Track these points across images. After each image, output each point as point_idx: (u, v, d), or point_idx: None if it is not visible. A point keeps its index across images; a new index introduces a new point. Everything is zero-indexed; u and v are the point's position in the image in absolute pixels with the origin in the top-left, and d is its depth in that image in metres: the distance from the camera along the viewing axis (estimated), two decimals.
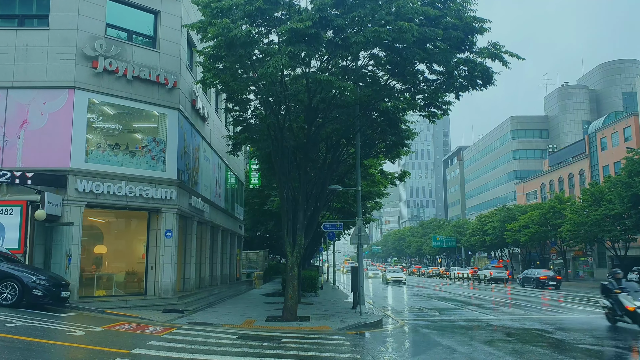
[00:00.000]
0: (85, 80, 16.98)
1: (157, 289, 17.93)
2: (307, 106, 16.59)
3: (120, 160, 17.64)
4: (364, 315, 17.48)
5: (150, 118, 18.95)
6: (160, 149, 18.54)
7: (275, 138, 17.45)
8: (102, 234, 19.68)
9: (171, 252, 18.25)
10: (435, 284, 50.45)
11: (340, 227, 22.35)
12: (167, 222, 18.29)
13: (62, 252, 15.87)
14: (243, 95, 17.81)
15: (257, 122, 19.05)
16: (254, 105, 18.87)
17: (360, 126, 18.22)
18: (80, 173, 16.48)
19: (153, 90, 18.45)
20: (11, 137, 16.42)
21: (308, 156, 17.51)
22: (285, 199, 17.47)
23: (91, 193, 16.62)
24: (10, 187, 15.97)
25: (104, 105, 17.70)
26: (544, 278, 41.74)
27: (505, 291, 36.84)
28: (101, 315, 14.04)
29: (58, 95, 16.71)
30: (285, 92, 15.83)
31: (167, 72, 18.69)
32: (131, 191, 17.37)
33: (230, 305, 20.73)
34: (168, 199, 18.29)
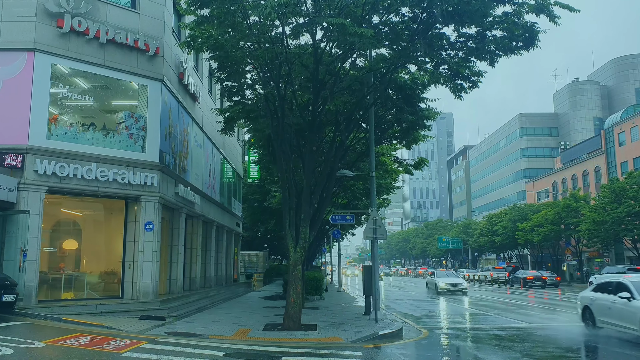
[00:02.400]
0: (48, 42, 14.20)
1: (135, 291, 15.12)
2: (313, 71, 13.78)
3: (90, 139, 14.84)
4: (380, 323, 14.65)
5: (127, 90, 16.16)
6: (139, 127, 15.73)
7: (275, 113, 14.66)
8: (78, 228, 16.89)
9: (152, 247, 15.43)
10: None
11: (351, 218, 19.54)
12: (148, 212, 15.49)
13: (17, 247, 13.08)
14: (237, 63, 14.98)
15: (254, 96, 16.22)
16: (250, 78, 16.05)
17: (376, 99, 15.39)
18: (40, 152, 13.69)
19: (131, 57, 15.66)
20: None
21: (314, 135, 14.67)
22: (288, 186, 14.63)
23: (54, 176, 13.83)
24: None
25: (72, 73, 14.90)
26: (531, 278, 43.70)
27: (524, 293, 34.03)
28: (56, 325, 11.24)
29: (14, 59, 13.93)
30: (286, 50, 13.01)
31: (149, 37, 15.91)
32: (103, 175, 14.58)
33: (224, 310, 17.91)
34: (148, 184, 15.48)
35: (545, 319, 17.47)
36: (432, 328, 14.88)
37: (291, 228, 14.10)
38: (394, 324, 14.92)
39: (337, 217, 18.43)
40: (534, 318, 17.72)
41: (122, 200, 15.79)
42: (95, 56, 14.94)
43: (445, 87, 16.24)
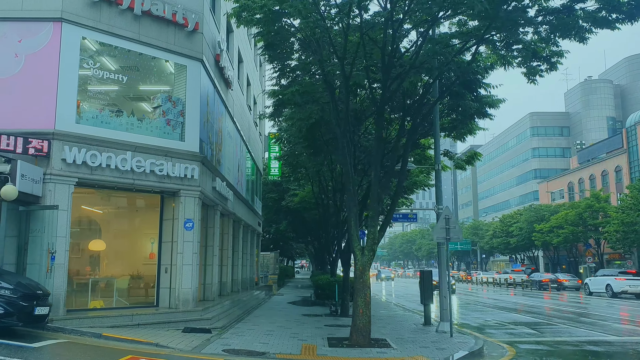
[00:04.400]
0: (77, 11, 12.30)
1: (173, 298, 13.21)
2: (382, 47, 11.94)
3: (124, 124, 12.93)
4: (455, 337, 12.82)
5: (163, 71, 14.27)
6: (177, 112, 13.84)
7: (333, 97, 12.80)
8: (99, 226, 14.97)
9: (192, 249, 13.54)
10: (462, 289, 45.71)
11: (414, 217, 17.64)
12: (187, 209, 13.59)
13: (44, 248, 11.16)
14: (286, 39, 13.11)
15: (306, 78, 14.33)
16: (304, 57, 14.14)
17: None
18: (69, 138, 11.79)
19: (168, 33, 13.77)
20: None
21: (382, 120, 12.80)
22: (352, 180, 12.68)
23: (84, 166, 11.92)
24: None
25: (102, 49, 13.01)
26: (546, 281, 43.41)
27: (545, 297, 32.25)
28: (97, 343, 9.34)
29: (39, 31, 12.02)
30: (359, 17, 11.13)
31: (187, 10, 14.02)
32: (139, 165, 12.68)
33: (264, 319, 16.03)
34: (189, 177, 13.59)
35: (629, 331, 15.66)
36: (511, 342, 13.02)
37: (356, 228, 12.21)
38: (467, 337, 13.10)
39: (397, 216, 16.57)
40: (609, 329, 15.90)
41: (157, 195, 13.90)
42: (128, 29, 13.04)
43: (513, 69, 14.45)
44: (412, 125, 13.47)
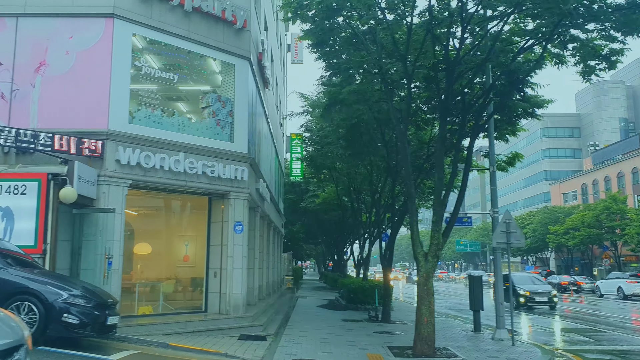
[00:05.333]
0: (129, 7, 11.89)
1: (224, 304, 12.80)
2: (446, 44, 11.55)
3: (176, 124, 12.53)
4: (517, 346, 12.39)
5: (211, 69, 13.86)
6: (226, 112, 13.43)
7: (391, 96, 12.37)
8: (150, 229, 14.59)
9: (242, 252, 13.13)
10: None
11: (469, 221, 17.23)
12: (237, 211, 13.18)
13: (98, 252, 10.74)
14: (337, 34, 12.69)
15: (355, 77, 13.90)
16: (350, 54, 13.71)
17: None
18: (122, 138, 11.38)
19: (217, 30, 13.37)
20: (23, 84, 11.32)
21: (445, 119, 12.36)
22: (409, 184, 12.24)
23: (138, 167, 11.51)
24: (22, 156, 10.88)
25: (153, 46, 12.61)
26: (565, 284, 42.76)
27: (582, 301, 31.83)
28: (167, 354, 8.91)
29: (90, 27, 11.61)
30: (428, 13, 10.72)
31: (236, 7, 13.62)
32: (192, 167, 12.27)
33: (307, 324, 15.59)
34: (238, 179, 13.19)
35: None
36: (574, 351, 12.58)
37: (417, 232, 11.77)
38: (528, 346, 12.67)
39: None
40: None
41: (205, 197, 13.50)
42: (179, 26, 12.64)
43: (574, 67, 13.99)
44: (475, 125, 13.03)
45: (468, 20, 10.96)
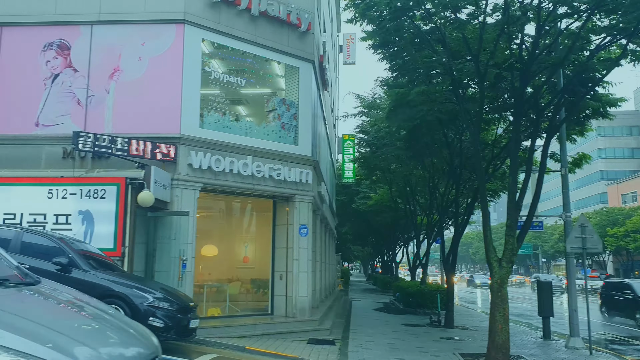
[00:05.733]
0: (199, 13, 12.06)
1: (290, 307, 12.80)
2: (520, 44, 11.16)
3: (243, 128, 12.63)
4: (595, 356, 11.86)
5: (275, 72, 13.90)
6: (291, 115, 13.44)
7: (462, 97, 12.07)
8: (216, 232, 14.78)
9: (307, 255, 13.11)
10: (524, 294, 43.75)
11: (540, 225, 16.73)
12: (302, 214, 13.17)
13: (171, 255, 10.92)
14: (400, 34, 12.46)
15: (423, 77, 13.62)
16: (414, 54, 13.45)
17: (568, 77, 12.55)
18: (193, 143, 11.54)
19: (282, 34, 13.40)
20: (97, 90, 11.64)
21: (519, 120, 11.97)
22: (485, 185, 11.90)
23: (209, 171, 11.65)
24: (98, 161, 11.18)
25: (220, 51, 12.75)
26: None
27: None
28: (245, 357, 8.94)
29: (162, 33, 11.83)
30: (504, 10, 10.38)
31: (301, 10, 13.61)
32: (259, 170, 12.33)
33: (369, 329, 15.42)
34: (303, 182, 13.18)
35: None
36: None
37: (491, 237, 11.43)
38: (608, 356, 12.11)
39: (521, 223, 15.63)
40: None
41: (268, 199, 13.55)
42: (246, 31, 12.73)
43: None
44: (550, 126, 12.56)
45: (545, 18, 10.55)
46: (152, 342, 3.20)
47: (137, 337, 3.14)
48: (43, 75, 11.74)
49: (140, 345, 3.00)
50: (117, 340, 2.91)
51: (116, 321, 3.23)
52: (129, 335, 3.11)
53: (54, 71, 11.75)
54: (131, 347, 2.91)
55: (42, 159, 11.35)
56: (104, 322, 3.10)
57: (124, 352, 2.81)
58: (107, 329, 2.97)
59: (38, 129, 11.53)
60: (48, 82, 11.72)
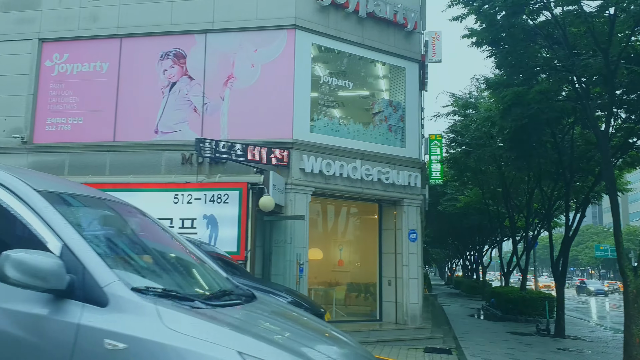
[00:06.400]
0: (308, 17, 12.08)
1: (401, 313, 12.54)
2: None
3: (351, 131, 12.53)
4: None
5: (382, 73, 13.72)
6: (397, 117, 13.20)
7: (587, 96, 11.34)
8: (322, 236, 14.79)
9: (417, 261, 12.82)
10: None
11: None
12: (410, 218, 12.89)
13: (287, 259, 10.99)
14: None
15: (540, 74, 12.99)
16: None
17: None
18: (305, 147, 11.57)
19: (388, 34, 13.18)
20: (213, 98, 11.93)
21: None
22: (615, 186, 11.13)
23: (320, 175, 11.63)
24: (215, 166, 11.45)
25: (328, 54, 12.72)
26: None
27: None
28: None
29: (273, 39, 11.95)
30: None
31: (407, 10, 13.34)
32: (368, 174, 12.18)
33: (476, 336, 14.88)
34: (411, 186, 12.89)
35: None
36: None
37: (621, 243, 10.65)
38: None
39: None
40: None
41: (373, 203, 13.37)
42: (353, 33, 12.63)
43: None
44: None
45: None
46: (355, 342, 3.12)
47: (343, 338, 3.06)
48: (161, 84, 12.19)
49: (348, 346, 2.92)
50: (331, 342, 2.85)
51: (321, 326, 3.16)
52: (337, 337, 3.03)
53: (171, 80, 12.17)
54: (345, 347, 2.85)
55: (162, 164, 11.77)
56: (311, 325, 3.03)
57: (345, 352, 2.74)
58: (317, 332, 2.92)
59: (157, 136, 11.98)
60: (166, 90, 12.15)
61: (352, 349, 2.87)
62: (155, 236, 3.38)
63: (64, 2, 12.82)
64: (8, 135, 12.44)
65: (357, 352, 2.90)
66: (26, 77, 12.64)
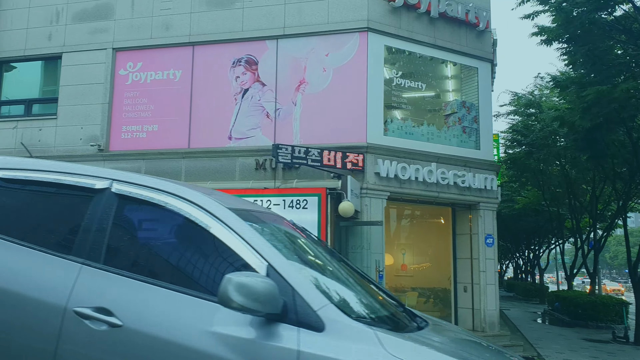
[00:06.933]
0: (380, 19, 11.92)
1: (478, 320, 12.22)
2: None
3: (425, 133, 12.29)
4: None
5: (454, 73, 13.41)
6: (471, 118, 12.87)
7: None
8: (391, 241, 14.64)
9: (494, 267, 12.44)
10: None
11: None
12: (487, 223, 12.54)
13: (364, 265, 10.82)
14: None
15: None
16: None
17: None
18: (379, 151, 11.40)
19: (460, 34, 12.87)
20: (285, 103, 11.91)
21: None
22: None
23: (395, 179, 11.43)
24: (288, 171, 11.42)
25: (399, 56, 12.52)
26: None
27: None
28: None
29: (345, 43, 11.84)
30: None
31: (478, 9, 13.00)
32: (444, 177, 11.90)
33: (553, 344, 14.34)
34: (487, 189, 12.54)
35: None
36: None
37: None
38: None
39: None
40: None
41: (446, 207, 13.08)
42: (425, 34, 12.39)
43: None
44: None
45: None
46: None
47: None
48: (233, 91, 12.26)
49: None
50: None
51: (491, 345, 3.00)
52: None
53: (243, 86, 12.22)
54: None
55: (236, 170, 11.83)
56: (481, 343, 2.88)
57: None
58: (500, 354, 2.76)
59: (231, 142, 12.05)
60: (238, 97, 12.21)
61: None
62: (328, 253, 3.30)
63: (136, 11, 13.08)
64: (85, 144, 12.77)
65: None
66: (101, 86, 12.95)
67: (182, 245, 2.55)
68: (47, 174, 2.75)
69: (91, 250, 2.49)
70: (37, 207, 2.73)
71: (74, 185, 2.68)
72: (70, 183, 2.69)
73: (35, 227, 2.66)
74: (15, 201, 2.75)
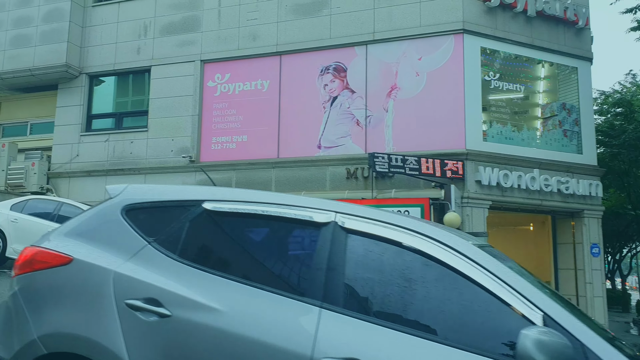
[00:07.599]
0: (476, 20, 11.43)
1: None
2: None
3: (525, 138, 11.68)
4: None
5: (551, 74, 12.71)
6: (572, 120, 12.15)
7: None
8: None
9: (601, 278, 11.66)
10: None
11: None
12: (592, 231, 11.77)
13: None
14: None
15: None
16: None
17: None
18: (479, 157, 10.90)
19: (557, 33, 12.19)
20: (376, 110, 11.61)
21: None
22: None
23: (497, 187, 10.89)
24: (381, 180, 11.09)
25: (495, 57, 11.96)
26: None
27: None
28: None
29: (439, 46, 11.42)
30: None
31: (577, 5, 12.28)
32: (547, 184, 11.24)
33: None
34: (592, 195, 11.77)
35: None
36: None
37: None
38: None
39: None
40: None
41: (546, 215, 12.39)
42: (521, 34, 11.80)
43: None
44: None
45: None
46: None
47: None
48: (322, 99, 12.07)
49: None
50: None
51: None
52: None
53: (332, 94, 12.02)
54: None
55: (326, 180, 11.63)
56: None
57: None
58: None
59: (321, 151, 11.86)
60: (327, 105, 12.02)
61: None
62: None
63: (223, 23, 13.13)
64: (177, 155, 12.91)
65: None
66: (190, 98, 13.07)
67: (434, 290, 2.26)
68: (264, 205, 2.54)
69: (327, 291, 2.25)
70: (260, 241, 2.54)
71: (294, 219, 2.46)
72: (292, 217, 2.47)
73: (258, 263, 2.47)
74: (227, 235, 2.57)
